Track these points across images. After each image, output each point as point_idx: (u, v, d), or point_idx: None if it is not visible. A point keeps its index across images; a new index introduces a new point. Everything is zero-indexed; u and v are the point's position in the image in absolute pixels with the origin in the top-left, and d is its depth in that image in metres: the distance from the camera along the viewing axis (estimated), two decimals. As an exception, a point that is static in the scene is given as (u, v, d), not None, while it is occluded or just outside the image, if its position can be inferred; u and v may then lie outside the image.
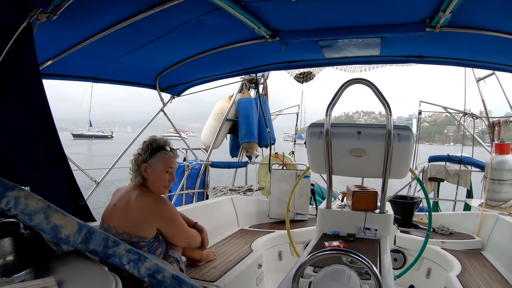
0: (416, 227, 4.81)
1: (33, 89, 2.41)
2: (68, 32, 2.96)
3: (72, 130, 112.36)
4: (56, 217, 1.32)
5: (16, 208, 1.28)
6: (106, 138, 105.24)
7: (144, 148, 2.62)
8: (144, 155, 2.60)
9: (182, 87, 5.36)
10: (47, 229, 1.31)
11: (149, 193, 2.59)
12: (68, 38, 3.10)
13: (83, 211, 2.88)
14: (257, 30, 3.18)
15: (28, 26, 2.27)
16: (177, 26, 3.09)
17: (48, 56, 3.30)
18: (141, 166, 2.58)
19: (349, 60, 4.23)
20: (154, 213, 2.51)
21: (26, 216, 1.29)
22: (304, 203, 5.19)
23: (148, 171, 2.58)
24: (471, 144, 7.34)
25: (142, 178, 2.59)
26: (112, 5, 2.64)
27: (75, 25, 2.86)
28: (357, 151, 2.87)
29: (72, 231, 1.34)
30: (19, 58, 2.28)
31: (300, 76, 8.06)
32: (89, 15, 2.73)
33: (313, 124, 3.13)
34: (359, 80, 2.88)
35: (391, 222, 3.07)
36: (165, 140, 2.72)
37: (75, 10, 2.48)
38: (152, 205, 2.52)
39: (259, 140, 6.92)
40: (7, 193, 1.28)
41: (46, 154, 2.57)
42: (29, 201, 1.30)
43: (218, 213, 4.76)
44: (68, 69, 3.80)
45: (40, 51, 2.79)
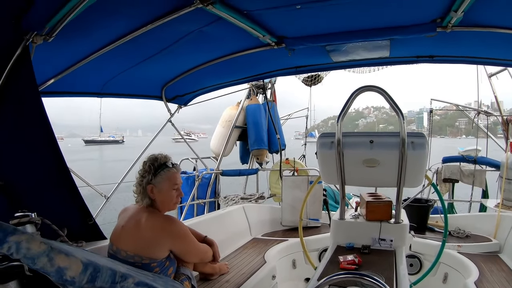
0: (432, 230, 4.69)
1: (34, 111, 2.40)
2: (68, 50, 2.95)
3: (83, 136, 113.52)
4: (59, 258, 1.28)
5: (18, 253, 1.25)
6: (117, 142, 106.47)
7: (146, 169, 2.56)
8: (148, 176, 2.53)
9: (189, 96, 5.32)
10: (52, 272, 1.27)
11: (157, 213, 2.54)
12: (68, 56, 3.08)
13: (93, 231, 2.86)
14: (261, 38, 3.12)
15: (24, 50, 2.27)
16: (179, 38, 3.05)
17: (49, 75, 3.28)
18: (146, 188, 2.52)
19: (358, 62, 4.14)
20: (165, 233, 2.46)
21: (29, 260, 1.25)
22: (317, 210, 5.11)
23: (155, 191, 2.52)
24: (483, 136, 7.18)
25: (149, 200, 2.53)
26: (111, 22, 2.61)
27: (74, 44, 2.84)
28: (370, 162, 2.78)
29: (77, 272, 1.30)
30: (17, 82, 2.28)
31: (308, 80, 8.00)
32: (88, 33, 2.70)
33: (324, 134, 3.04)
34: (370, 88, 2.79)
35: (406, 232, 2.97)
36: (165, 156, 2.66)
37: (72, 29, 2.45)
38: (162, 226, 2.47)
39: (269, 146, 6.85)
40: (7, 238, 1.25)
41: (51, 176, 2.56)
42: (31, 245, 1.26)
43: (230, 223, 4.70)
44: (71, 86, 3.77)
45: (41, 70, 2.91)
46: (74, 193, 2.67)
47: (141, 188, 2.53)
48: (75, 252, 1.40)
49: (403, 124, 2.67)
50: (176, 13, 2.48)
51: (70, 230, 2.51)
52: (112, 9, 2.39)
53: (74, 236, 2.57)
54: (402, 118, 2.69)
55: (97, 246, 2.72)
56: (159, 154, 2.64)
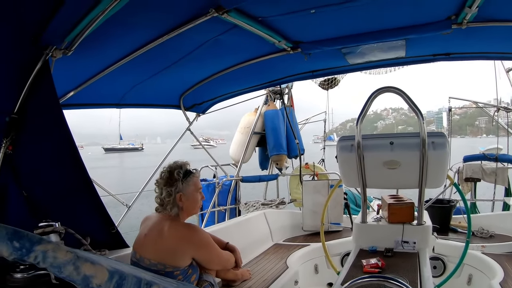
0: (455, 231, 4.60)
1: (55, 123, 2.48)
2: (87, 63, 3.01)
3: (103, 144, 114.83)
4: (85, 267, 1.30)
5: (45, 262, 1.27)
6: (137, 150, 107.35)
7: (176, 178, 2.56)
8: (178, 184, 2.54)
9: (207, 104, 5.35)
10: (78, 280, 1.29)
11: (180, 222, 2.57)
12: (87, 69, 3.14)
13: (116, 239, 2.91)
14: (277, 43, 3.13)
15: (44, 64, 2.33)
16: (195, 48, 3.08)
17: (69, 88, 3.35)
18: (176, 196, 2.53)
19: (374, 64, 4.10)
20: (187, 242, 2.48)
21: (56, 269, 1.28)
22: (338, 214, 5.06)
23: (183, 199, 2.55)
24: (504, 134, 7.01)
25: (177, 208, 2.55)
26: (128, 34, 2.66)
27: (93, 56, 2.89)
28: (391, 163, 2.76)
29: (103, 280, 1.31)
30: (39, 96, 2.35)
31: (324, 83, 7.97)
32: (105, 45, 2.75)
33: (343, 137, 3.04)
34: (388, 89, 2.79)
35: (429, 233, 2.93)
36: (186, 162, 2.69)
37: (91, 42, 2.50)
38: (185, 235, 2.49)
39: (288, 152, 6.82)
40: (34, 247, 1.28)
41: (73, 186, 2.62)
42: (57, 254, 1.28)
43: (251, 229, 4.69)
44: (91, 98, 3.85)
45: (61, 83, 2.92)
46: (97, 202, 2.72)
47: (172, 198, 2.53)
48: (100, 260, 1.42)
49: (422, 124, 2.65)
50: (192, 23, 2.51)
51: (93, 238, 2.57)
52: (129, 21, 2.43)
53: (97, 245, 2.62)
54: (422, 118, 2.66)
55: (120, 254, 2.76)
56: (180, 162, 2.66)
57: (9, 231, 1.29)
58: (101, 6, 2.00)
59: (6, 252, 1.29)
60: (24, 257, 1.28)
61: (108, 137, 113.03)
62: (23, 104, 2.31)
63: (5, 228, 1.30)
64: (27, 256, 1.28)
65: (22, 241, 1.28)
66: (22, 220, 2.36)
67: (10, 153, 2.29)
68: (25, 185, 2.37)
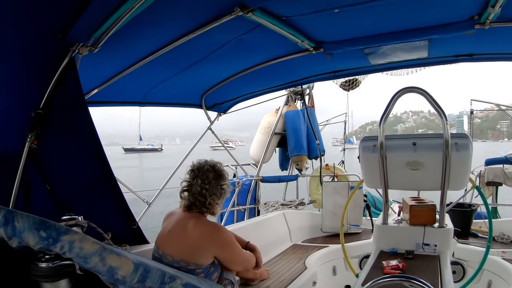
0: (475, 236, 4.51)
1: (81, 119, 2.50)
2: (111, 61, 3.04)
3: (123, 144, 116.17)
4: (111, 258, 1.33)
5: (71, 252, 1.30)
6: (156, 151, 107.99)
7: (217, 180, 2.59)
8: (217, 187, 2.58)
9: (228, 104, 5.37)
10: (103, 271, 1.31)
11: (204, 220, 2.57)
12: (112, 67, 3.18)
13: (137, 235, 2.93)
14: (300, 43, 3.13)
15: (71, 61, 2.37)
16: (218, 47, 3.10)
17: (93, 85, 3.39)
18: (209, 198, 2.55)
19: (396, 64, 4.05)
20: (212, 241, 2.48)
21: (81, 259, 1.30)
22: (358, 215, 5.02)
23: (213, 202, 2.58)
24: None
25: (205, 208, 2.57)
26: (153, 33, 2.69)
27: (118, 54, 2.93)
28: (414, 164, 2.73)
29: (129, 272, 1.34)
30: (65, 92, 2.39)
31: (345, 84, 7.90)
32: (130, 44, 2.78)
33: (366, 138, 3.02)
34: (412, 89, 2.75)
35: (451, 237, 2.89)
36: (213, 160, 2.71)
37: (116, 41, 2.52)
38: (209, 233, 2.49)
39: (309, 152, 6.80)
40: (60, 237, 1.31)
41: (97, 181, 2.64)
42: (84, 244, 1.31)
43: (270, 229, 4.69)
44: (114, 96, 3.90)
45: (86, 81, 2.95)
46: (119, 198, 2.74)
47: (208, 198, 2.54)
48: (125, 253, 1.45)
49: (446, 125, 2.61)
50: (217, 22, 2.52)
51: (114, 233, 2.57)
52: (154, 20, 2.46)
53: (118, 240, 2.63)
54: (445, 119, 2.62)
55: (140, 250, 2.79)
56: (211, 161, 2.67)
57: (36, 220, 1.33)
58: (127, 5, 2.02)
59: (32, 241, 1.32)
60: (51, 246, 1.31)
61: (128, 137, 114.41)
62: (49, 99, 2.36)
63: (32, 217, 1.33)
64: (53, 246, 1.31)
65: (49, 231, 1.31)
66: (45, 213, 2.32)
67: (35, 148, 2.34)
68: (49, 179, 2.41)
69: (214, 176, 2.59)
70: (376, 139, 2.83)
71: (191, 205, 2.56)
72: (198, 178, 2.55)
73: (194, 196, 2.55)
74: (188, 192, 2.59)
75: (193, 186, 2.56)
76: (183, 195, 2.62)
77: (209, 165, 2.63)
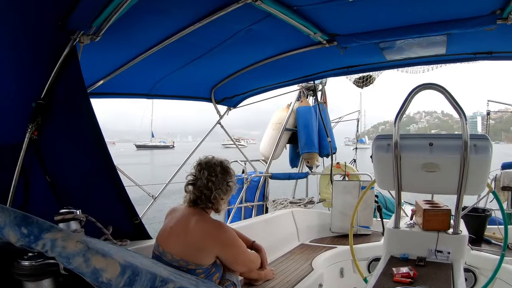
0: (488, 242, 4.32)
1: (82, 110, 2.43)
2: (116, 51, 2.98)
3: (135, 141, 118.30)
4: (96, 260, 1.23)
5: (53, 250, 1.22)
6: (168, 148, 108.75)
7: (225, 176, 2.53)
8: (224, 183, 2.51)
9: (238, 98, 5.28)
10: (87, 273, 1.22)
11: (207, 217, 2.49)
12: (116, 57, 3.11)
13: (139, 230, 2.86)
14: (312, 35, 3.00)
15: (72, 50, 2.31)
16: (227, 38, 3.00)
17: (98, 76, 3.34)
18: (215, 194, 2.48)
19: (413, 61, 3.90)
20: (214, 240, 2.40)
21: (64, 259, 1.22)
22: (368, 216, 4.87)
23: (219, 198, 2.51)
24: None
25: (210, 204, 2.50)
26: (158, 21, 2.60)
27: (122, 44, 2.86)
28: (430, 166, 2.57)
29: (114, 274, 1.25)
30: (66, 82, 2.33)
31: (359, 81, 7.67)
32: (135, 33, 2.71)
33: (380, 136, 2.86)
34: (430, 86, 2.59)
35: (465, 244, 2.72)
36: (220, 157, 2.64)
37: (119, 30, 2.47)
38: (211, 232, 2.40)
39: (320, 150, 6.61)
40: (43, 235, 1.22)
41: (98, 174, 2.59)
42: (67, 243, 1.22)
43: (278, 227, 4.60)
44: (120, 87, 3.83)
45: (90, 71, 2.99)
46: (121, 192, 2.68)
47: (213, 194, 2.47)
48: (114, 253, 1.36)
49: (465, 125, 2.44)
50: (224, 10, 2.42)
51: (116, 228, 2.53)
52: (159, 8, 2.38)
53: (119, 234, 2.58)
54: (465, 118, 2.46)
55: (141, 246, 2.73)
56: (218, 157, 2.61)
57: (17, 215, 1.24)
58: None
59: (13, 238, 1.24)
60: (32, 244, 1.23)
61: (140, 134, 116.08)
62: (50, 90, 2.30)
63: (13, 212, 1.25)
64: (35, 244, 1.23)
65: (31, 227, 1.23)
66: (45, 205, 2.37)
67: (36, 139, 2.30)
68: (50, 170, 2.36)
69: (221, 171, 2.53)
70: (391, 138, 2.68)
71: (196, 200, 2.49)
72: (205, 170, 2.48)
73: (199, 189, 2.47)
74: (193, 186, 2.52)
75: (199, 179, 2.49)
76: (188, 189, 2.54)
77: (216, 160, 2.57)
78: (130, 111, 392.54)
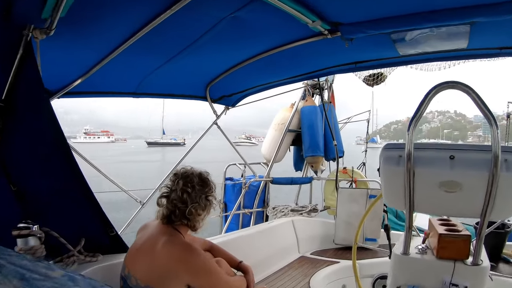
0: (507, 262, 3.86)
1: (43, 113, 2.28)
2: (87, 47, 2.74)
3: (146, 138, 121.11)
4: None
5: None
6: (179, 145, 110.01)
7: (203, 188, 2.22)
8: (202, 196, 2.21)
9: (237, 96, 4.91)
10: None
11: (178, 238, 2.12)
12: (89, 53, 2.88)
13: (115, 243, 2.65)
14: (311, 24, 2.57)
15: (27, 47, 2.11)
16: (210, 28, 2.63)
17: (75, 74, 3.09)
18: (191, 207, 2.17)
19: (429, 56, 3.39)
20: (182, 266, 2.04)
21: None
22: (375, 228, 4.46)
23: (194, 213, 2.19)
24: None
25: (185, 220, 2.19)
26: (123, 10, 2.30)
27: (92, 39, 2.60)
28: (449, 185, 2.02)
29: None
30: (24, 82, 2.15)
31: (369, 79, 7.11)
32: (103, 25, 2.43)
33: (389, 146, 2.31)
34: (453, 85, 2.06)
35: (486, 277, 2.21)
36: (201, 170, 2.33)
37: (83, 22, 2.29)
38: (178, 256, 2.04)
39: (326, 153, 6.14)
40: None
41: (65, 183, 2.38)
42: None
43: (276, 238, 4.30)
44: (102, 86, 3.58)
45: (64, 69, 2.95)
46: (92, 202, 2.50)
47: (188, 208, 2.15)
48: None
49: (497, 135, 1.92)
50: None
51: (89, 240, 2.45)
52: None
53: (92, 248, 2.48)
54: (496, 126, 1.95)
55: (115, 262, 2.45)
56: (199, 169, 2.32)
57: None
58: None
59: None
60: None
61: (151, 131, 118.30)
62: (9, 91, 2.09)
63: None
64: None
65: None
66: (10, 215, 2.19)
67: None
68: (14, 179, 2.18)
69: (199, 182, 2.21)
70: (403, 148, 2.12)
71: (170, 215, 2.16)
72: (180, 181, 2.17)
73: (173, 203, 2.15)
74: (167, 198, 2.18)
75: (173, 191, 2.17)
76: (160, 202, 2.21)
77: (195, 170, 2.27)
78: (142, 107, 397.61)
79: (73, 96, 3.36)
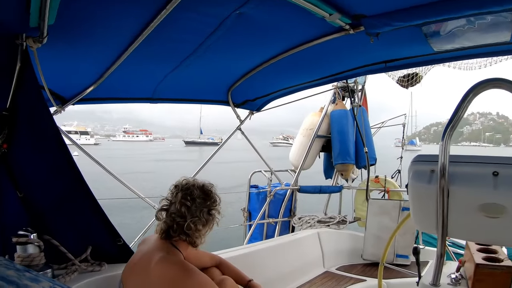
0: None
1: (43, 122, 2.28)
2: (95, 53, 2.72)
3: (184, 137, 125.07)
4: None
5: None
6: (216, 144, 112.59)
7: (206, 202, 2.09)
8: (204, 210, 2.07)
9: (261, 101, 4.71)
10: None
11: (174, 257, 1.96)
12: (97, 60, 2.84)
13: (123, 252, 2.59)
14: (328, 18, 2.29)
15: (24, 57, 2.12)
16: (215, 28, 2.43)
17: (87, 81, 3.10)
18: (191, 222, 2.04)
19: (467, 52, 2.92)
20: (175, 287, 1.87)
21: None
22: (407, 243, 4.09)
23: (194, 228, 2.06)
24: None
25: (184, 236, 2.06)
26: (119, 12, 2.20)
27: (96, 45, 2.59)
28: (492, 209, 1.58)
29: None
30: (24, 91, 2.16)
31: (403, 80, 6.56)
32: (104, 30, 2.39)
33: (420, 158, 1.89)
34: (497, 83, 1.67)
35: None
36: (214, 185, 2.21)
37: (81, 28, 2.27)
38: (172, 277, 1.87)
39: (357, 160, 5.78)
40: None
41: (70, 191, 2.38)
42: None
43: (300, 250, 4.06)
44: (118, 92, 3.61)
45: (75, 77, 3.02)
46: (98, 211, 2.48)
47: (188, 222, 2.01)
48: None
49: None
50: None
51: (96, 248, 2.47)
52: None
53: (99, 256, 2.50)
54: None
55: (118, 272, 2.32)
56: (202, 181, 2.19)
57: None
58: None
59: None
60: None
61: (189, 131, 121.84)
62: (13, 101, 2.12)
63: None
64: None
65: None
66: (17, 220, 2.20)
67: (5, 151, 2.17)
68: (21, 185, 2.21)
69: (200, 195, 2.06)
70: (436, 162, 1.74)
71: (168, 230, 2.03)
72: (180, 193, 2.05)
73: (171, 216, 2.03)
74: (166, 212, 2.06)
75: (173, 204, 2.06)
76: (160, 216, 2.08)
77: (197, 182, 2.13)
78: (181, 107, 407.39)
79: (88, 102, 3.41)
